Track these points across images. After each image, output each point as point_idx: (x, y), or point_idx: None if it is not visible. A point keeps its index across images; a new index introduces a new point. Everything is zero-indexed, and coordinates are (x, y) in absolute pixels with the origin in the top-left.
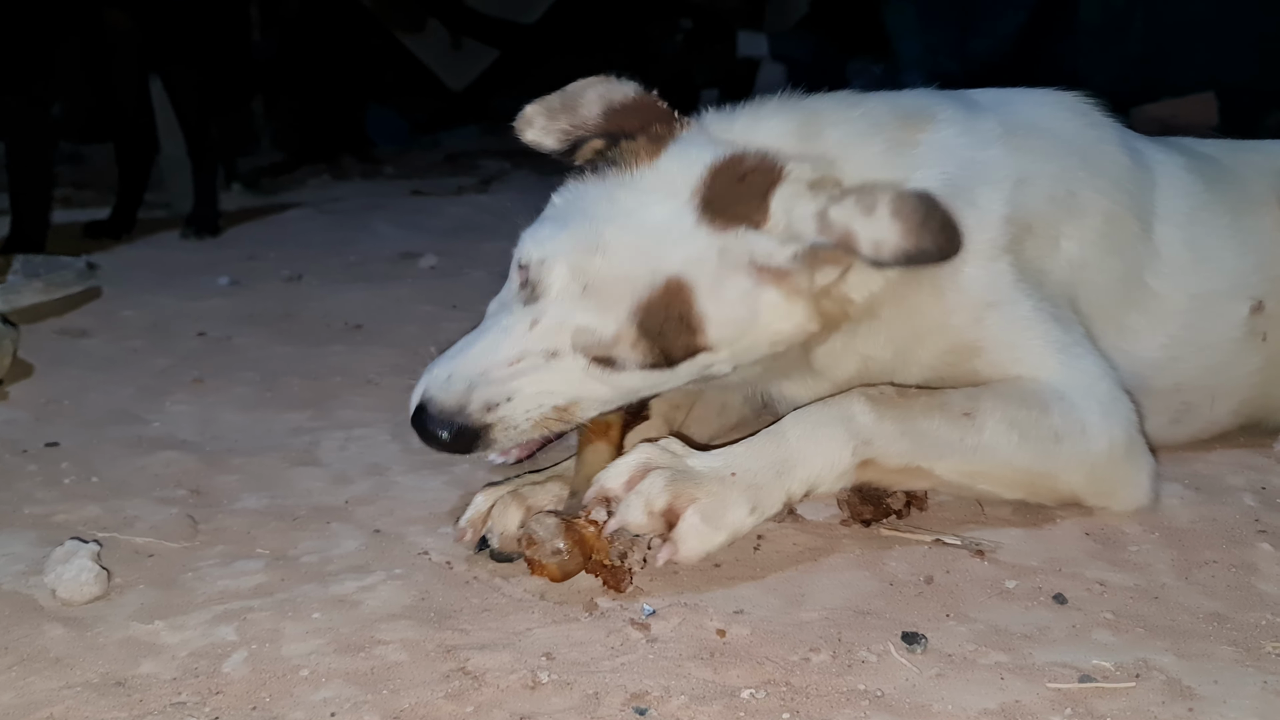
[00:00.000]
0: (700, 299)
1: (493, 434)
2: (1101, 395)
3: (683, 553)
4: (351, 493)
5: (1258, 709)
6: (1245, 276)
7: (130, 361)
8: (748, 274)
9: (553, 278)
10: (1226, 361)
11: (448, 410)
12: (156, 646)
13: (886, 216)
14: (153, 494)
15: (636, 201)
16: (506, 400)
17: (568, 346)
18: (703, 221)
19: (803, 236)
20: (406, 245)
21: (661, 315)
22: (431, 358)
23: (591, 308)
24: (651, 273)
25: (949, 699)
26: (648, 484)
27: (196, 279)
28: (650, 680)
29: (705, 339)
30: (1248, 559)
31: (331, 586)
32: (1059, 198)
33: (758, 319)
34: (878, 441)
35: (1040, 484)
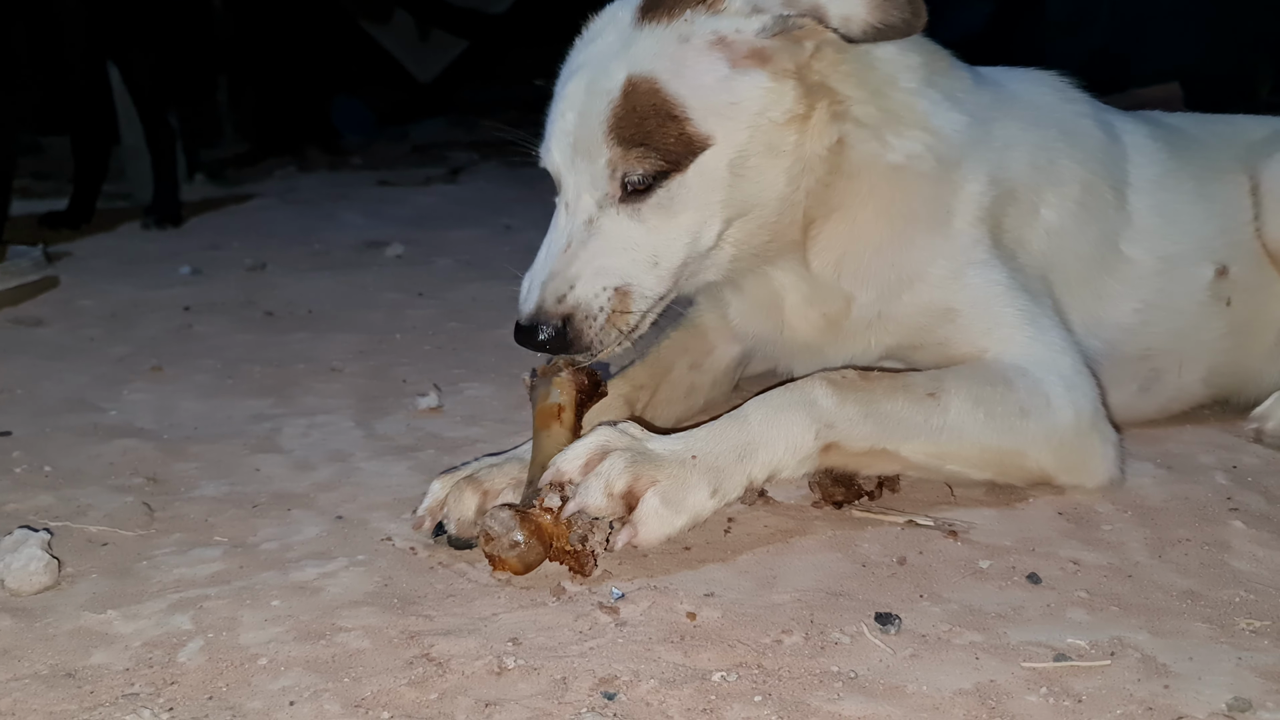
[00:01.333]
0: (668, 85)
1: (576, 324)
2: (1065, 369)
3: (642, 535)
4: (313, 479)
5: (1232, 685)
6: (1209, 241)
7: (87, 350)
8: (720, 56)
9: (557, 158)
10: (1193, 325)
11: (533, 315)
12: (109, 636)
13: None
14: (108, 482)
15: (583, 52)
16: (570, 288)
17: (593, 206)
18: (644, 24)
19: (766, 9)
20: (372, 234)
21: (635, 117)
22: (397, 344)
23: (587, 159)
24: (606, 92)
25: (923, 679)
26: (607, 465)
27: (157, 269)
28: (619, 664)
29: (694, 125)
30: (1220, 537)
31: (292, 574)
32: (1041, 165)
33: (745, 104)
34: (840, 425)
35: (1009, 462)
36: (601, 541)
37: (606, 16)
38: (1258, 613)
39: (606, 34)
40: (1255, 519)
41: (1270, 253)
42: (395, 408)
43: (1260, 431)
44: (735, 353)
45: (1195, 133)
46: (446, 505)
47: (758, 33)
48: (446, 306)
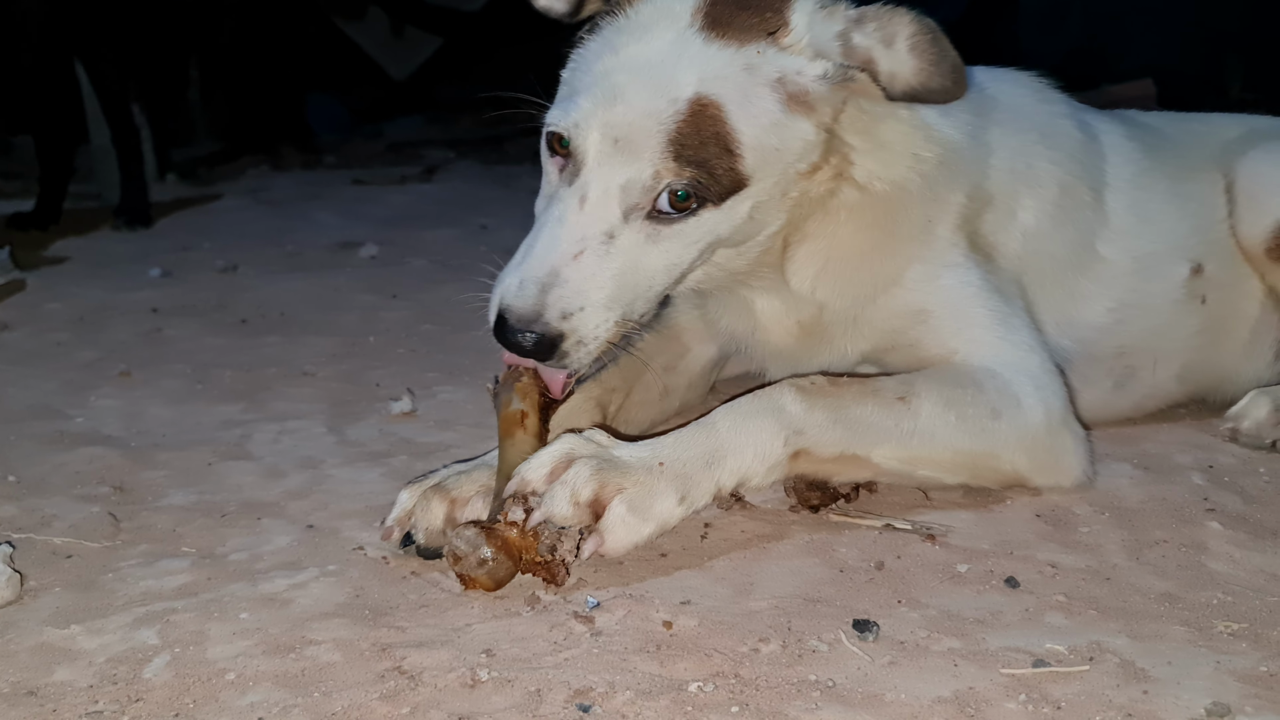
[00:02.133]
0: (732, 117)
1: (566, 345)
2: (1034, 369)
3: (609, 544)
4: (284, 487)
5: (1210, 689)
6: (1184, 239)
7: (54, 355)
8: (776, 96)
9: (587, 143)
10: (1168, 323)
11: (526, 317)
12: (72, 652)
13: (904, 50)
14: (73, 491)
15: (637, 40)
16: (580, 310)
17: (618, 217)
18: (713, 39)
19: (830, 55)
20: (346, 234)
21: (696, 139)
22: (371, 347)
23: (628, 158)
24: (672, 100)
25: (902, 687)
26: (573, 473)
27: (126, 271)
28: (594, 676)
29: (743, 165)
30: (1197, 538)
31: (261, 585)
32: (1019, 170)
33: (785, 151)
34: (810, 431)
35: (982, 464)
36: (571, 550)
37: (657, 7)
38: (1235, 615)
39: (661, 30)
40: (1232, 519)
41: (1245, 250)
42: (368, 412)
43: (1236, 431)
44: (710, 354)
45: (1170, 132)
46: (414, 515)
47: (817, 79)
48: (421, 308)
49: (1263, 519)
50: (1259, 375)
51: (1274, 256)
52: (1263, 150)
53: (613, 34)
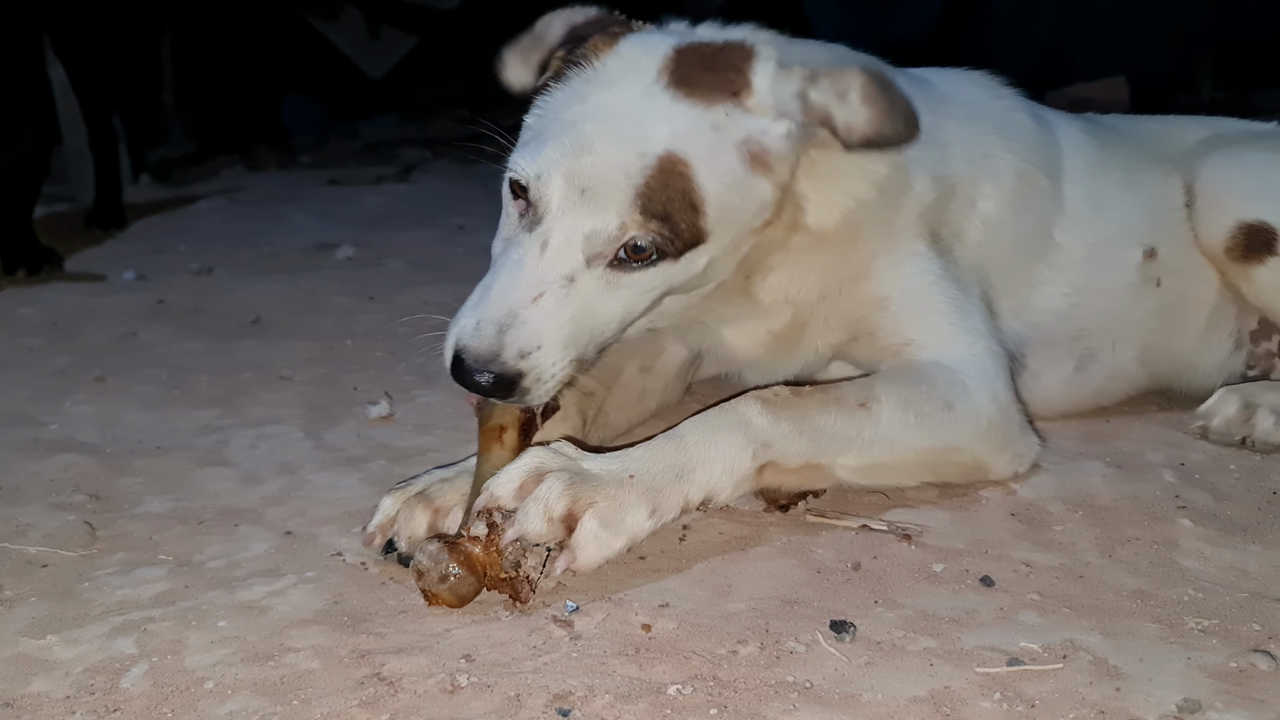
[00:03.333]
0: (699, 175)
1: (525, 383)
2: (979, 355)
3: (581, 560)
4: (261, 493)
5: (1181, 686)
6: (1138, 225)
7: (27, 361)
8: (740, 155)
9: (550, 191)
10: (1123, 306)
11: (484, 357)
12: (49, 663)
13: (858, 102)
14: (48, 500)
15: (606, 91)
16: (537, 348)
17: (581, 263)
18: (680, 97)
19: (792, 115)
20: (322, 236)
21: (664, 195)
22: (348, 350)
23: (593, 208)
24: (641, 155)
25: (878, 688)
26: (545, 489)
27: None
28: (574, 680)
29: (706, 222)
30: (1169, 535)
31: (239, 592)
32: (976, 159)
33: (745, 207)
34: (776, 444)
35: (943, 459)
36: (537, 566)
37: (623, 60)
38: (1206, 611)
39: (629, 83)
40: (1202, 516)
41: (1205, 251)
42: (345, 417)
43: (1206, 428)
44: (686, 354)
45: (1125, 128)
46: (397, 523)
47: (780, 138)
48: (398, 311)
49: (1233, 516)
50: (1220, 364)
51: (1233, 256)
52: (1224, 153)
53: (580, 84)
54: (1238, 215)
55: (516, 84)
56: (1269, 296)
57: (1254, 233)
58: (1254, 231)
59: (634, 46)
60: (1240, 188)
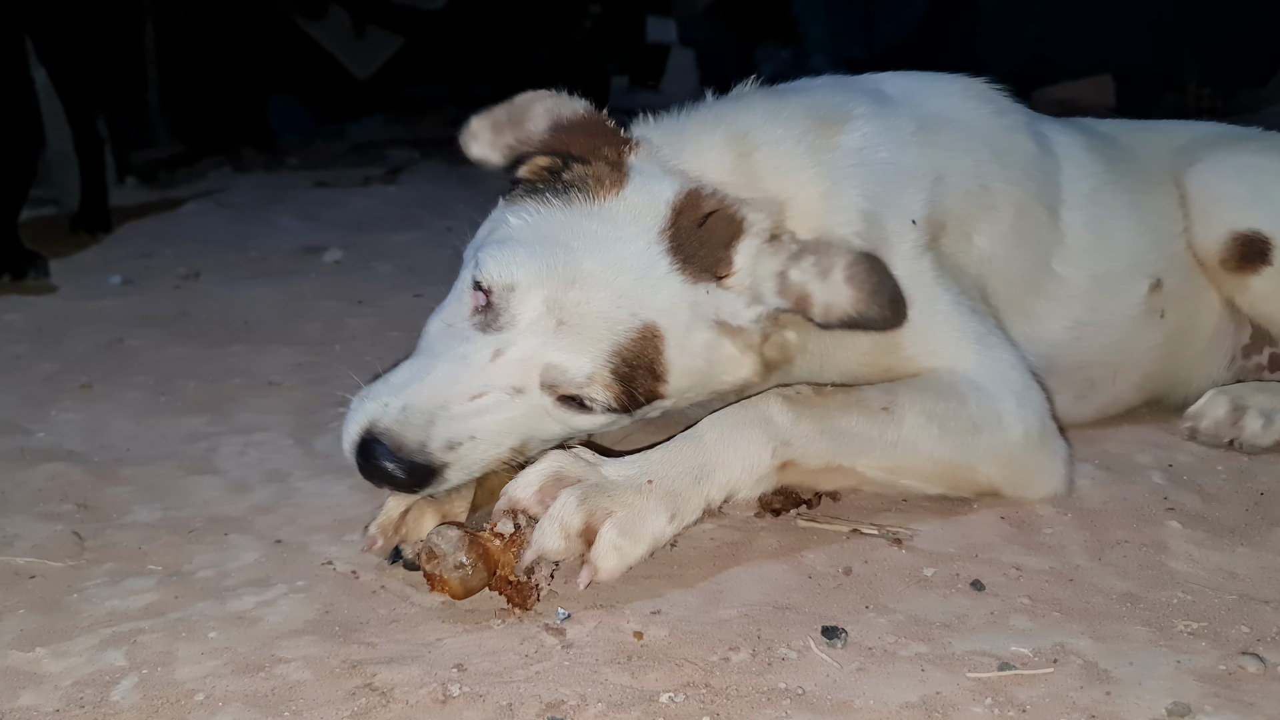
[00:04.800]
0: (669, 349)
1: (448, 473)
2: (1015, 384)
3: (603, 572)
4: (251, 501)
5: (1171, 690)
6: (1144, 255)
7: (13, 368)
8: (711, 330)
9: (524, 308)
10: (1127, 338)
11: (407, 447)
12: (38, 676)
13: (841, 282)
14: (35, 510)
15: (611, 235)
16: (470, 439)
17: (535, 384)
18: (674, 269)
19: (765, 298)
20: (310, 239)
21: (635, 361)
22: (337, 355)
23: (567, 345)
24: (631, 316)
25: (870, 694)
26: (559, 506)
27: (86, 279)
28: (566, 688)
29: (666, 387)
30: (1158, 537)
31: (229, 603)
32: (973, 193)
33: (711, 368)
34: (797, 442)
35: (960, 476)
36: (546, 576)
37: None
38: (1194, 614)
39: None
40: (1191, 518)
41: (1200, 260)
42: (334, 423)
43: (1195, 430)
44: None
45: (1127, 142)
46: (405, 525)
47: (750, 320)
48: (387, 315)
49: (1221, 517)
50: (1214, 380)
51: (1228, 268)
52: (1210, 161)
53: (584, 215)
54: (1230, 225)
55: (479, 158)
56: (1265, 305)
57: (1248, 243)
58: (1248, 241)
59: (638, 195)
60: (1231, 196)
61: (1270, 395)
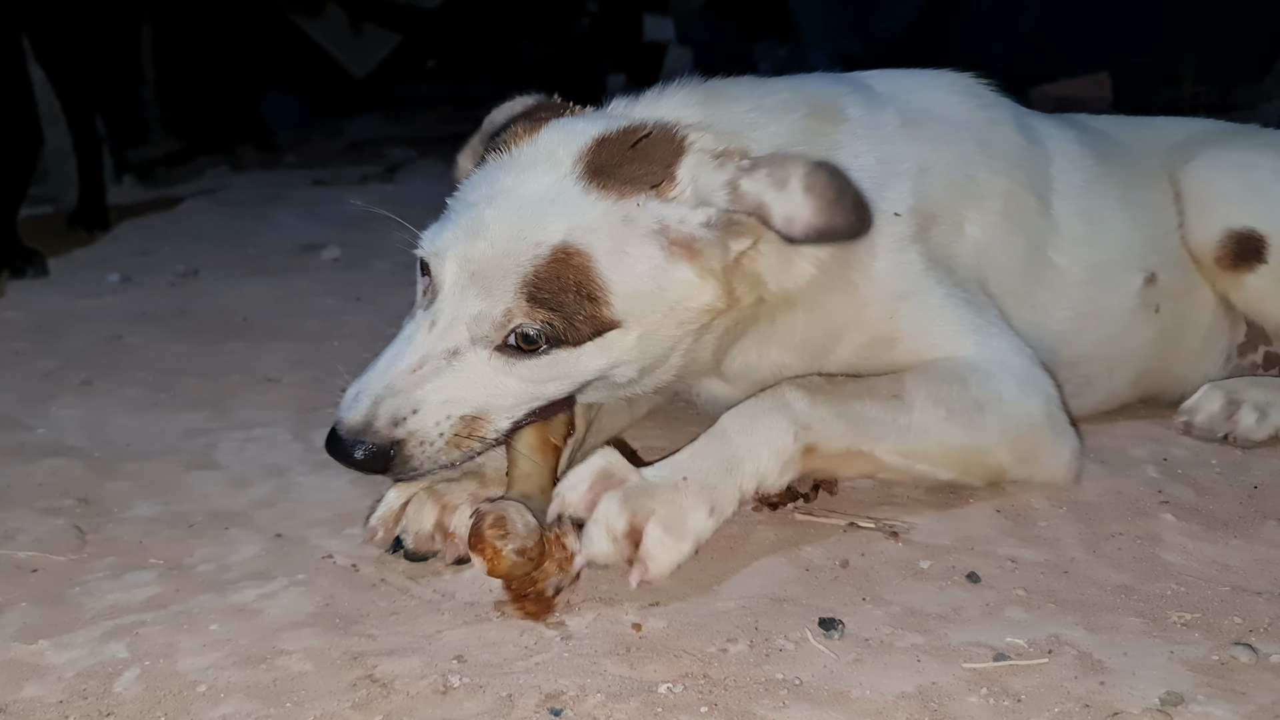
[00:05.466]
0: (600, 267)
1: (408, 450)
2: (1016, 368)
3: (653, 571)
4: (251, 496)
5: (1164, 679)
6: (1138, 248)
7: (13, 364)
8: (657, 244)
9: (445, 273)
10: (1122, 332)
11: (355, 428)
12: (41, 668)
13: (799, 191)
14: (36, 504)
15: (514, 179)
16: (413, 412)
17: (465, 341)
18: (592, 189)
19: (712, 203)
20: (308, 236)
21: (554, 285)
22: (335, 352)
23: (481, 293)
24: (534, 245)
25: (867, 684)
26: (603, 510)
27: (85, 276)
28: (565, 679)
29: (611, 311)
30: (1152, 530)
31: (230, 596)
32: (959, 183)
33: (666, 293)
34: (816, 426)
35: (971, 459)
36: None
37: (539, 148)
38: (1188, 605)
39: (540, 171)
40: (1185, 511)
41: (1194, 256)
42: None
43: (1189, 424)
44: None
45: (1121, 137)
46: (406, 516)
47: (700, 224)
48: (385, 312)
49: (1214, 510)
50: (1209, 377)
51: (1224, 265)
52: (1206, 158)
53: (494, 169)
54: (1226, 223)
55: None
56: (1259, 303)
57: (1243, 240)
58: (1243, 239)
59: (554, 134)
60: (1227, 193)
61: (1264, 389)
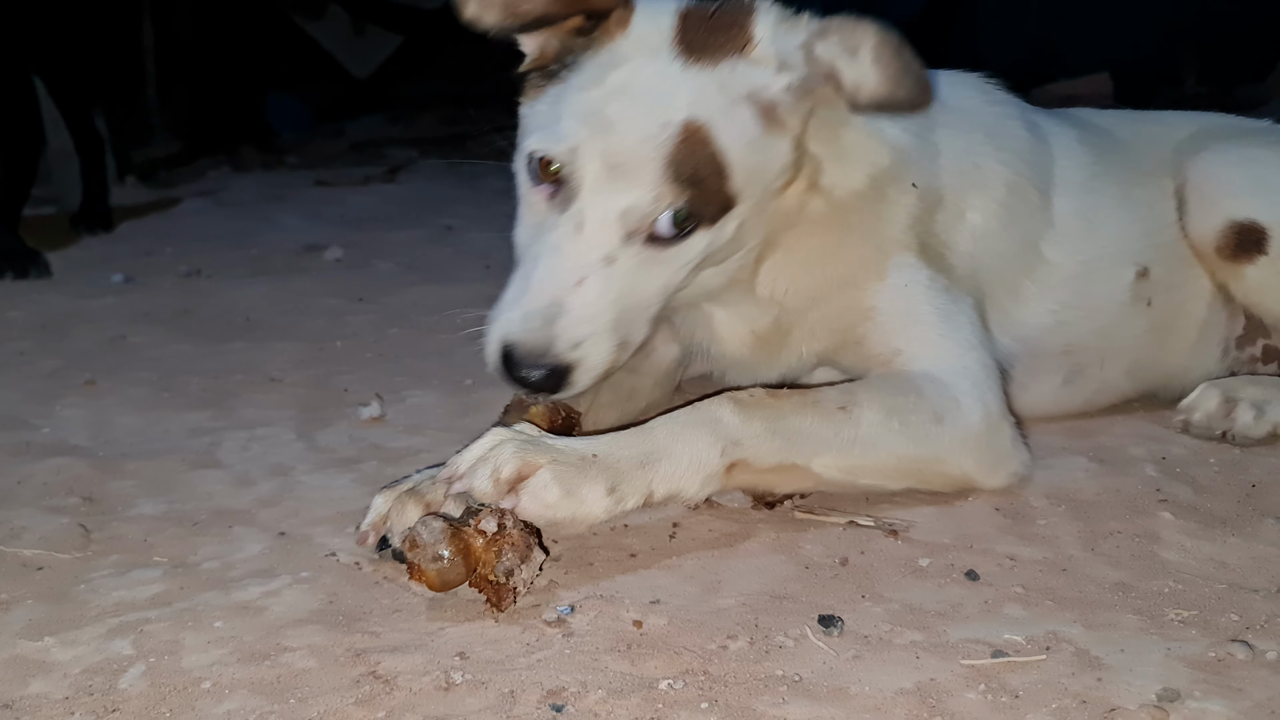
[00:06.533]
0: (719, 137)
1: (573, 375)
2: (972, 367)
3: (524, 503)
4: (254, 494)
5: (1161, 676)
6: (1132, 243)
7: (17, 364)
8: (752, 110)
9: (584, 170)
10: (1113, 324)
11: (536, 351)
12: (47, 664)
13: (869, 61)
14: (42, 503)
15: (619, 70)
16: (588, 338)
17: (618, 241)
18: (690, 64)
19: (793, 66)
20: (310, 237)
21: (690, 162)
22: (338, 351)
23: (626, 184)
24: (664, 124)
25: (866, 680)
26: (496, 450)
27: (88, 277)
28: (567, 676)
29: (732, 184)
30: (1150, 528)
31: (234, 593)
32: (966, 170)
33: (764, 164)
34: (747, 442)
35: (928, 469)
36: (527, 580)
37: (634, 38)
38: (1185, 603)
39: (642, 59)
40: (1183, 509)
41: (1196, 249)
42: (337, 418)
43: (1187, 422)
44: (674, 354)
45: (1122, 134)
46: (390, 519)
47: (783, 90)
48: (387, 312)
49: (1212, 508)
50: (1208, 371)
51: (1224, 255)
52: (1214, 150)
53: (593, 68)
54: (1228, 214)
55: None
56: (1258, 295)
57: (1244, 232)
58: (1244, 230)
59: (643, 22)
60: (1230, 185)
61: (1262, 387)
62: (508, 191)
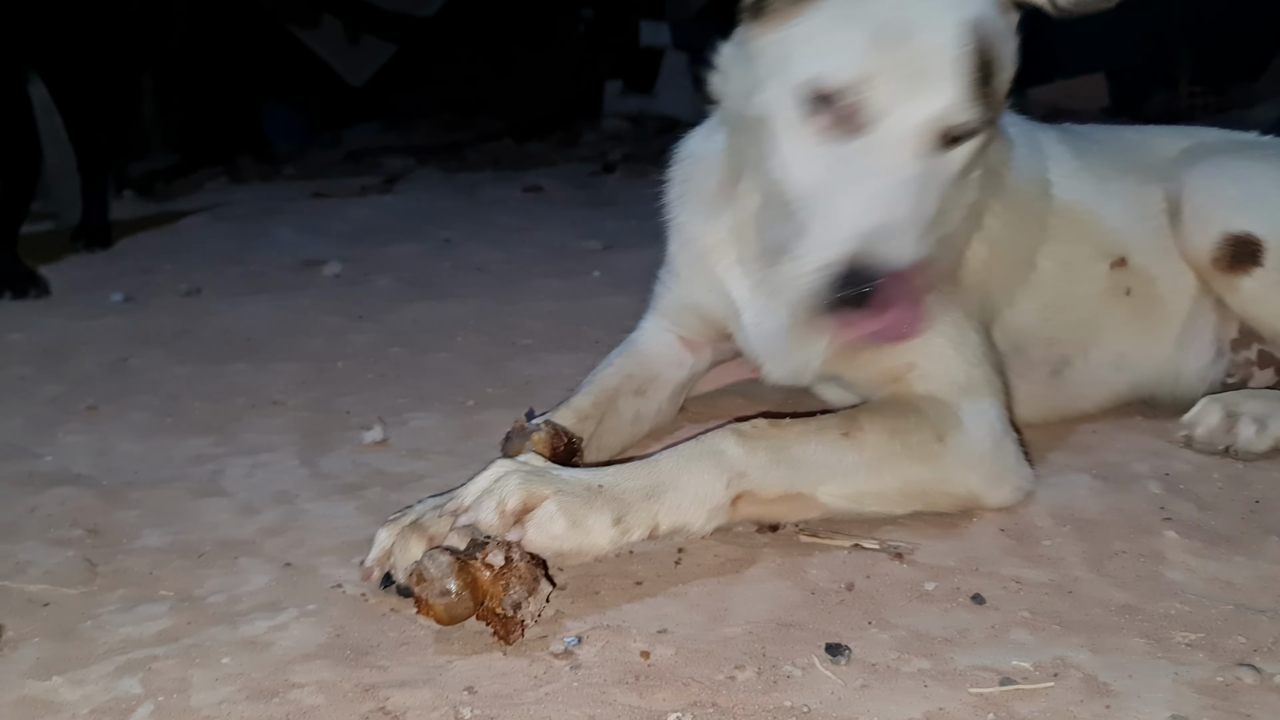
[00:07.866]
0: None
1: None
2: (977, 381)
3: (530, 535)
4: (259, 524)
5: (1170, 701)
6: (1106, 235)
7: (18, 389)
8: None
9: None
10: (1093, 314)
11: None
12: (55, 705)
13: None
14: (46, 536)
15: None
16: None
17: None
18: None
19: None
20: (309, 252)
21: (981, 59)
22: (339, 372)
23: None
24: (961, 23)
25: (875, 711)
26: (501, 483)
27: (88, 296)
28: (575, 710)
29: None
30: (1155, 548)
31: (241, 627)
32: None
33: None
34: (752, 473)
35: (933, 490)
36: (535, 613)
37: None
38: (1192, 625)
39: None
40: (1187, 528)
41: (1191, 262)
42: (339, 442)
43: (1190, 438)
44: (679, 377)
45: (1099, 137)
46: (393, 554)
47: None
48: (388, 330)
49: (1217, 526)
50: (1202, 372)
51: (1220, 267)
52: (1210, 163)
53: None
54: (1224, 226)
55: None
56: (1254, 307)
57: (1240, 244)
58: (1240, 243)
59: None
60: (1226, 198)
61: (1262, 401)
62: (504, 200)
